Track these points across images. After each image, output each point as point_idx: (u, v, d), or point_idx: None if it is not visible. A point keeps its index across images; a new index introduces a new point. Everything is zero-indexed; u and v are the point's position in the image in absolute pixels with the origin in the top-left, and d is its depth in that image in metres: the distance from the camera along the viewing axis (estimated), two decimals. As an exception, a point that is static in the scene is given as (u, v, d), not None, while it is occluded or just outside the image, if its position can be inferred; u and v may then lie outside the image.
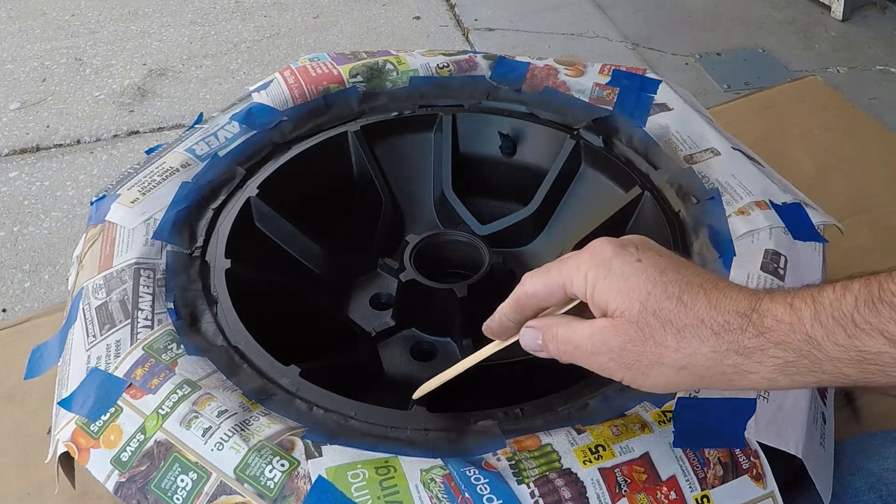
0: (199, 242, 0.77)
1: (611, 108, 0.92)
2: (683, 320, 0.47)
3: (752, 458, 0.57)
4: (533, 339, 0.53)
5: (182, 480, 0.56)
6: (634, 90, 0.93)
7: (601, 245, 0.51)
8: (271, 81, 0.94)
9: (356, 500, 0.53)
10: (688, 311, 0.47)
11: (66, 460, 0.63)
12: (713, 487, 0.55)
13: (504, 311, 0.55)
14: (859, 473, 0.65)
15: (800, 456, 0.57)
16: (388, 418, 0.61)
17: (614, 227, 0.83)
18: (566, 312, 0.53)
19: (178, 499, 0.55)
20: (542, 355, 0.54)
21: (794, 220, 0.76)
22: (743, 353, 0.46)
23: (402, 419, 0.61)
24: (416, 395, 0.63)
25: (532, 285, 0.53)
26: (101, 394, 0.62)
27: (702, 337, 0.46)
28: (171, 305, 0.69)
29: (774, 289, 0.49)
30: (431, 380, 0.62)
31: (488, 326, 0.57)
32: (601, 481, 0.54)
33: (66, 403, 0.63)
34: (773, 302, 0.46)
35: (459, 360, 0.77)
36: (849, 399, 0.82)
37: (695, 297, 0.47)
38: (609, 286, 0.49)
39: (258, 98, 0.92)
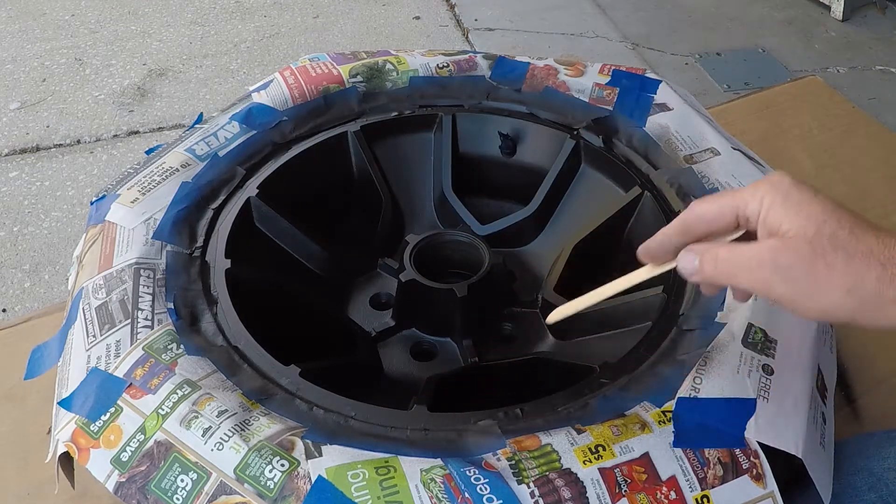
0: (199, 242, 0.77)
1: (611, 108, 0.92)
2: (855, 247, 0.49)
3: (752, 458, 0.57)
4: (690, 261, 0.54)
5: (182, 480, 0.56)
6: (634, 90, 0.93)
7: (780, 176, 0.52)
8: (271, 81, 0.94)
9: (356, 500, 0.53)
10: (859, 241, 0.49)
11: (66, 460, 0.63)
12: (713, 487, 0.55)
13: (668, 232, 0.56)
14: (859, 473, 0.65)
15: (800, 456, 0.57)
16: (388, 418, 0.61)
17: (614, 226, 0.83)
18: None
19: (178, 499, 0.55)
20: (694, 279, 0.54)
21: (794, 220, 0.76)
22: None
23: (402, 419, 0.61)
24: (551, 319, 0.62)
25: (702, 207, 0.54)
26: (101, 394, 0.62)
27: (869, 265, 0.48)
28: (171, 305, 0.69)
29: None
30: (567, 305, 0.61)
31: (647, 247, 0.57)
32: (601, 481, 0.54)
33: (66, 403, 0.63)
34: None
35: (459, 361, 0.78)
36: (849, 399, 0.82)
37: (865, 232, 0.49)
38: (787, 209, 0.50)
39: (258, 98, 0.92)
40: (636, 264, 0.57)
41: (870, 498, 0.64)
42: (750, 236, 0.53)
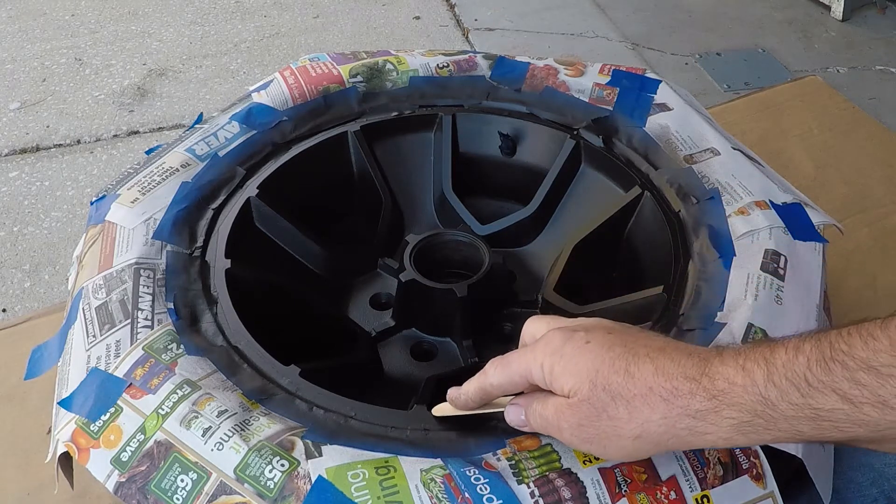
0: (199, 242, 0.77)
1: (611, 108, 0.92)
2: (632, 391, 0.49)
3: (752, 458, 0.57)
4: (517, 414, 0.56)
5: (182, 480, 0.56)
6: (634, 90, 0.93)
7: (552, 335, 0.54)
8: (271, 81, 0.94)
9: (356, 500, 0.53)
10: (635, 382, 0.49)
11: (66, 460, 0.63)
12: (713, 487, 0.55)
13: (469, 394, 0.58)
14: (861, 469, 0.65)
15: (800, 456, 0.57)
16: (388, 418, 0.61)
17: (614, 226, 0.83)
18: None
19: (178, 499, 0.55)
20: (526, 429, 0.56)
21: (794, 219, 0.76)
22: (695, 416, 0.48)
23: (402, 419, 0.61)
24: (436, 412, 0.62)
25: (496, 377, 0.56)
26: (101, 394, 0.62)
27: (651, 405, 0.48)
28: (171, 305, 0.69)
29: (724, 347, 0.50)
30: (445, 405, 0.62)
31: (453, 401, 0.59)
32: (601, 481, 0.54)
33: (66, 403, 0.63)
34: (723, 364, 0.48)
35: (459, 361, 0.78)
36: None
37: (641, 367, 0.49)
38: (562, 371, 0.52)
39: (258, 98, 0.92)
40: (636, 265, 0.57)
41: (871, 493, 0.64)
42: None
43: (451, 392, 0.59)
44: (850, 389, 0.43)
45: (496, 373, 0.56)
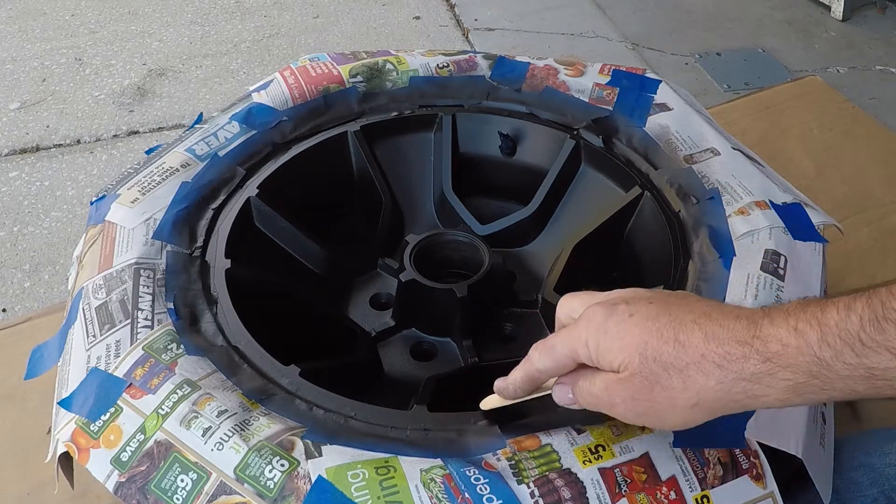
0: (199, 242, 0.77)
1: (611, 108, 0.92)
2: (684, 360, 0.48)
3: (752, 458, 0.57)
4: (564, 393, 0.55)
5: (182, 480, 0.56)
6: (634, 90, 0.93)
7: (593, 311, 0.53)
8: (271, 81, 0.94)
9: (356, 500, 0.53)
10: (687, 350, 0.48)
11: (66, 460, 0.63)
12: (713, 487, 0.55)
13: (517, 383, 0.57)
14: (861, 469, 0.65)
15: (800, 456, 0.57)
16: (388, 418, 0.61)
17: (614, 226, 0.83)
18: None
19: (178, 499, 0.55)
20: (575, 407, 0.55)
21: (794, 220, 0.76)
22: (751, 379, 0.47)
23: (402, 419, 0.61)
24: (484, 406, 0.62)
25: (542, 362, 0.55)
26: (101, 394, 0.62)
27: (706, 372, 0.48)
28: (171, 305, 0.69)
29: (772, 306, 0.49)
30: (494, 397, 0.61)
31: (501, 391, 0.58)
32: (601, 481, 0.54)
33: (66, 403, 0.63)
34: (773, 326, 0.47)
35: (459, 361, 0.78)
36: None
37: (690, 335, 0.49)
38: (609, 347, 0.51)
39: (258, 98, 0.92)
40: (636, 265, 0.57)
41: (871, 493, 0.64)
42: None
43: (499, 383, 0.58)
44: None
45: (542, 358, 0.55)
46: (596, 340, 0.51)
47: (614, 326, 0.51)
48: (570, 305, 0.56)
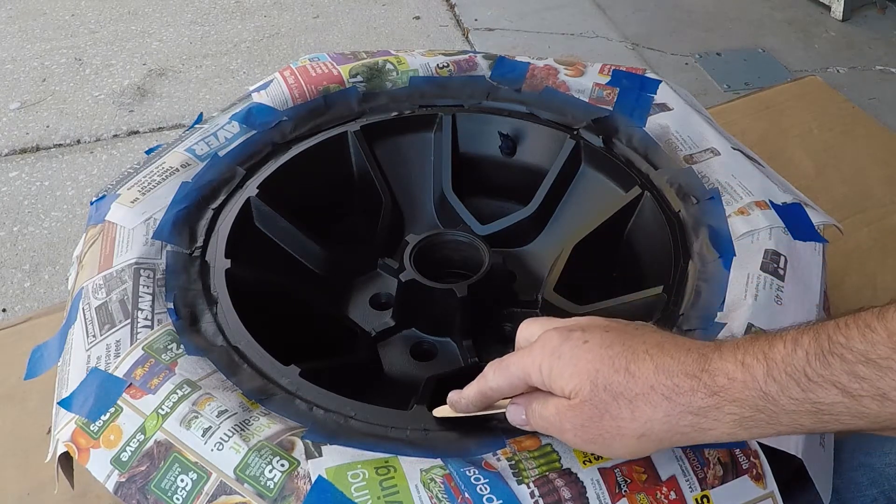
0: (199, 242, 0.77)
1: (611, 108, 0.92)
2: (634, 390, 0.49)
3: (752, 458, 0.57)
4: (518, 414, 0.56)
5: (182, 480, 0.56)
6: (634, 90, 0.93)
7: (549, 335, 0.53)
8: (271, 81, 0.94)
9: (356, 500, 0.53)
10: (637, 381, 0.49)
11: (66, 460, 0.63)
12: (713, 487, 0.55)
13: (470, 398, 0.57)
14: (861, 469, 0.65)
15: (800, 456, 0.57)
16: (388, 418, 0.61)
17: (614, 226, 0.83)
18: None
19: (177, 499, 0.55)
20: (527, 428, 0.56)
21: (794, 220, 0.76)
22: (698, 412, 0.47)
23: (402, 419, 0.61)
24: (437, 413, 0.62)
25: (495, 381, 0.55)
26: (101, 394, 0.62)
27: (654, 403, 0.48)
28: (171, 305, 0.69)
29: (724, 340, 0.50)
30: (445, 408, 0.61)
31: (454, 404, 0.59)
32: (601, 481, 0.54)
33: (66, 403, 0.63)
34: (722, 360, 0.47)
35: (459, 361, 0.78)
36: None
37: (642, 365, 0.49)
38: (561, 372, 0.51)
39: (258, 98, 0.92)
40: (636, 265, 0.57)
41: (871, 493, 0.64)
42: None
43: (452, 396, 0.59)
44: (849, 383, 0.43)
45: (495, 376, 0.55)
46: (549, 365, 0.52)
47: (568, 352, 0.51)
48: (529, 330, 0.57)
